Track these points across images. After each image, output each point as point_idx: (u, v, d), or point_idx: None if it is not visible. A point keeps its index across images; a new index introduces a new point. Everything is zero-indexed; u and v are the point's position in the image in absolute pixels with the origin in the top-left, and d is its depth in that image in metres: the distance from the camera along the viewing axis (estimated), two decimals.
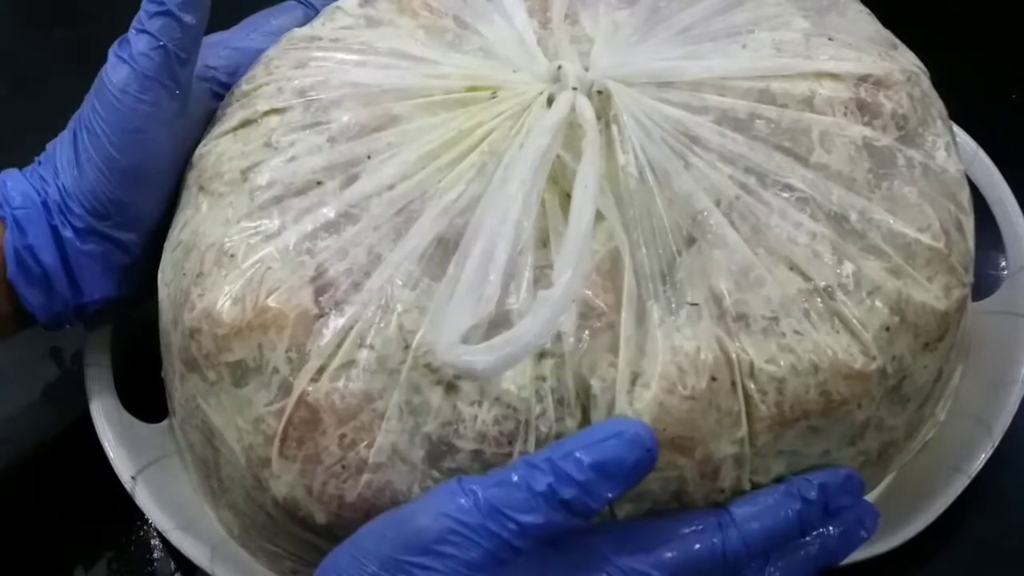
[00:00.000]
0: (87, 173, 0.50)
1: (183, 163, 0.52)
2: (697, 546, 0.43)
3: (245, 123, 0.50)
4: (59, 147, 0.51)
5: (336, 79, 0.50)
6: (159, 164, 0.51)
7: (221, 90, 0.54)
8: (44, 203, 0.50)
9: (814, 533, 0.44)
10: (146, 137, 0.50)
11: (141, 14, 0.49)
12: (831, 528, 0.44)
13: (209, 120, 0.53)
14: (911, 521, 0.51)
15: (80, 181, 0.50)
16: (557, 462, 0.40)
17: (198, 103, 0.52)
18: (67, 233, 0.50)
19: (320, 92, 0.50)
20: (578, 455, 0.40)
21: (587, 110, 0.45)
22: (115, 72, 0.49)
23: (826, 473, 0.45)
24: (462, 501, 0.40)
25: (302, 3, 0.56)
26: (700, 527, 0.43)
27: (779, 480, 0.45)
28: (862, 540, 0.45)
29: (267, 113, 0.50)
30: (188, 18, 0.49)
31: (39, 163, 0.52)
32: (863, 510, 0.45)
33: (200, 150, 0.51)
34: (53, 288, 0.51)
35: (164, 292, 0.50)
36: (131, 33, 0.49)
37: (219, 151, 0.50)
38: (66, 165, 0.50)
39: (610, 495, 0.40)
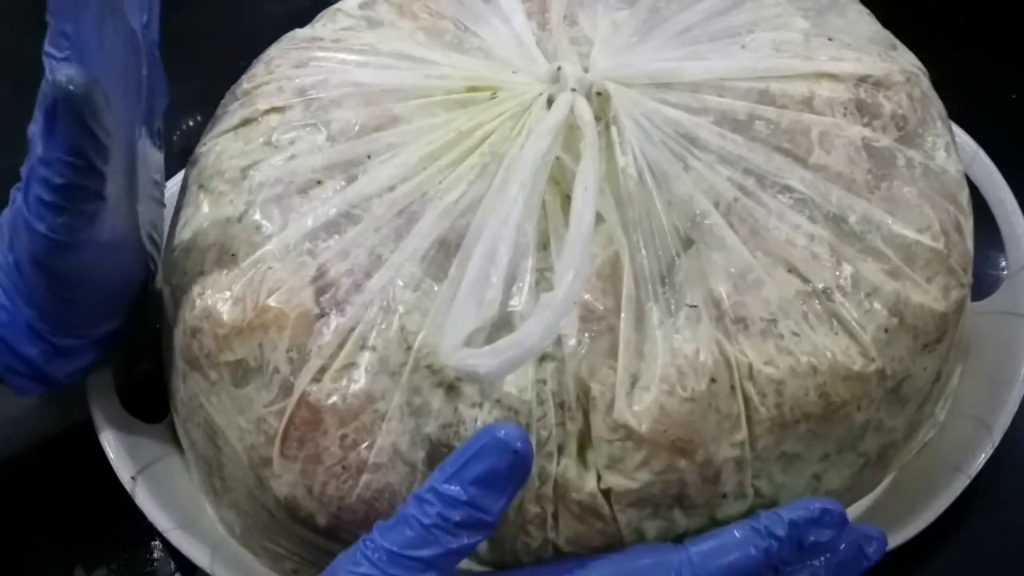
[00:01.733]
0: (57, 311, 0.48)
1: (138, 253, 0.50)
2: None
3: (246, 122, 0.51)
4: (10, 275, 0.47)
5: (337, 78, 0.50)
6: (117, 281, 0.49)
7: None
8: (29, 325, 0.48)
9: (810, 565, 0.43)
10: (94, 275, 0.47)
11: (37, 194, 0.43)
12: (823, 559, 0.43)
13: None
14: (911, 521, 0.51)
15: (53, 317, 0.48)
16: (440, 489, 0.40)
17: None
18: (64, 342, 0.49)
19: (321, 91, 0.50)
20: (458, 475, 0.40)
21: (586, 112, 0.45)
22: (40, 245, 0.44)
23: (799, 507, 0.43)
24: (365, 556, 0.40)
25: None
26: (653, 563, 0.43)
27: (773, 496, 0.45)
28: (864, 568, 0.44)
29: (268, 112, 0.50)
30: (93, 185, 0.43)
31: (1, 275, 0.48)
32: (862, 538, 0.44)
33: (200, 148, 0.51)
34: (45, 375, 0.50)
35: (167, 291, 0.50)
36: (33, 205, 0.43)
37: (219, 149, 0.50)
38: (33, 303, 0.47)
39: (500, 504, 0.40)
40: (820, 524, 0.43)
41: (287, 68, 0.51)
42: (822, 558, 0.43)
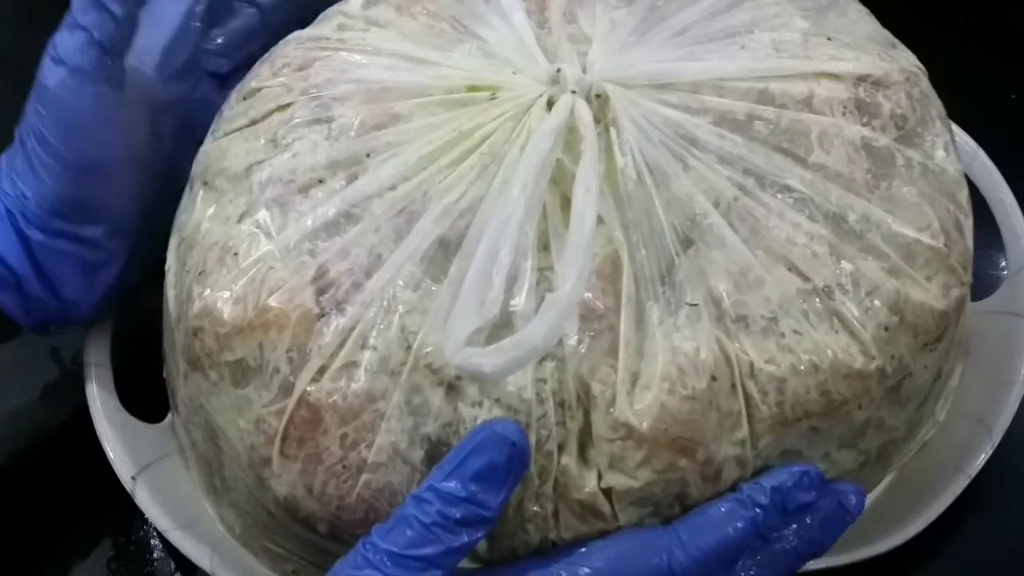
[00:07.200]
0: (42, 176, 0.50)
1: (137, 153, 0.53)
2: (641, 566, 0.43)
3: (250, 121, 0.51)
4: (11, 158, 0.52)
5: (341, 78, 0.50)
6: (109, 156, 0.51)
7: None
8: (8, 211, 0.51)
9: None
10: (92, 132, 0.50)
11: (73, 9, 0.49)
12: (807, 519, 0.44)
13: (146, 105, 0.53)
14: (911, 521, 0.51)
15: (37, 185, 0.50)
16: (439, 487, 0.41)
17: (133, 89, 0.53)
18: (35, 236, 0.51)
19: (324, 90, 0.50)
20: (456, 472, 0.41)
21: (586, 115, 0.45)
22: (52, 74, 0.49)
23: (779, 474, 0.44)
24: (366, 559, 0.41)
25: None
26: (643, 545, 0.43)
27: None
28: (848, 523, 0.45)
29: (271, 111, 0.50)
30: (119, 11, 0.49)
31: None
32: (842, 495, 0.44)
33: (205, 148, 0.51)
34: (25, 290, 0.52)
35: (169, 290, 0.50)
36: (63, 31, 0.49)
37: (223, 148, 0.50)
38: (21, 172, 0.51)
39: (499, 499, 0.41)
40: (800, 487, 0.44)
41: (292, 68, 0.51)
42: (807, 519, 0.44)
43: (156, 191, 0.54)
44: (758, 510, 0.43)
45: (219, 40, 0.57)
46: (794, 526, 0.43)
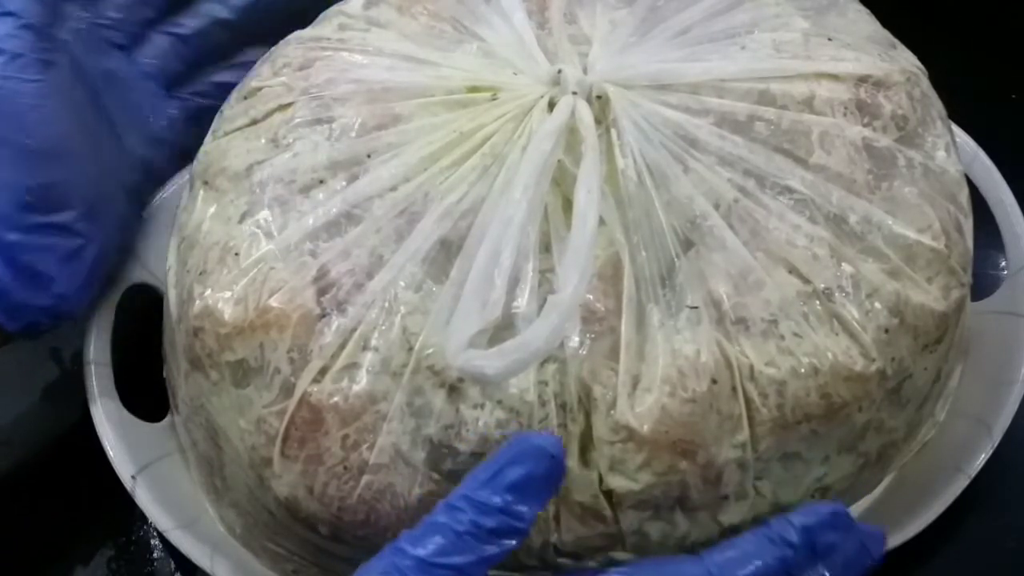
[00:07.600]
0: (3, 171, 0.49)
1: (88, 130, 0.52)
2: None
3: (250, 121, 0.51)
4: None
5: (342, 78, 0.50)
6: (64, 136, 0.51)
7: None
8: None
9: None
10: (43, 114, 0.50)
11: None
12: (832, 559, 0.43)
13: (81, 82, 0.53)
14: (911, 521, 0.51)
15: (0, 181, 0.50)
16: (473, 496, 0.40)
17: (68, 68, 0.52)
18: (10, 237, 0.50)
19: (325, 90, 0.50)
20: (492, 482, 0.40)
21: (587, 116, 0.45)
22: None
23: (809, 511, 0.43)
24: (395, 565, 0.40)
25: None
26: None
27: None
28: (868, 567, 0.44)
29: (272, 111, 0.50)
30: None
31: None
32: (865, 537, 0.44)
33: (205, 147, 0.51)
34: (9, 296, 0.51)
35: (170, 289, 0.50)
36: None
37: (223, 148, 0.50)
38: None
39: (534, 511, 0.40)
40: (830, 527, 0.43)
41: (293, 68, 0.51)
42: (832, 559, 0.43)
43: (113, 169, 0.54)
44: (789, 550, 0.42)
45: (111, 12, 0.55)
46: (819, 566, 0.43)
